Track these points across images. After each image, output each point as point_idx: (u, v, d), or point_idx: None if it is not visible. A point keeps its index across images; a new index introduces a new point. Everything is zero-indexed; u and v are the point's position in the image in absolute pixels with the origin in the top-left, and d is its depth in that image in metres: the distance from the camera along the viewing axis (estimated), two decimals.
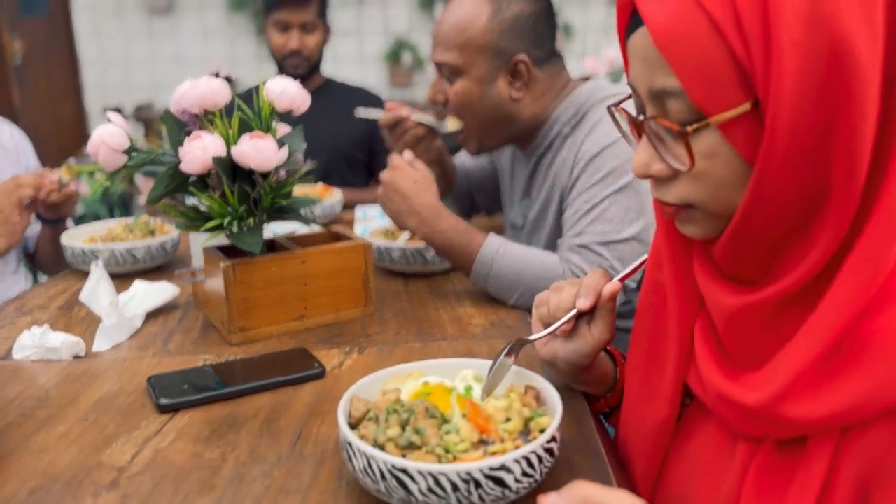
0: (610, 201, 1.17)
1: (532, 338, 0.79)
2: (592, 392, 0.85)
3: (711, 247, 0.62)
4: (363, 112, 1.38)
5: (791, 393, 0.55)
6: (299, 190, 1.78)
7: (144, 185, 1.06)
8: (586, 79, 1.35)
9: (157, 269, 1.42)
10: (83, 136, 5.84)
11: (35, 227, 1.71)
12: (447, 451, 0.64)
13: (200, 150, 1.00)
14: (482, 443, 0.66)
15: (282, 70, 2.19)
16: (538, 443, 0.63)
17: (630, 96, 0.64)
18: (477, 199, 1.67)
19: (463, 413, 0.70)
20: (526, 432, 0.68)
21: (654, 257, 0.73)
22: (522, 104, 1.30)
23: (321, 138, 2.14)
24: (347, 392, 0.71)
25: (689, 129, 0.55)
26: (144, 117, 4.95)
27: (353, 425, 0.70)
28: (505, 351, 0.76)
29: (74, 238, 1.42)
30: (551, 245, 1.33)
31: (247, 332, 1.07)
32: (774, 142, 0.52)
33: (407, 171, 1.22)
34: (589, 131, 1.24)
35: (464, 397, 0.73)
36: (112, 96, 5.67)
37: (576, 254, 1.17)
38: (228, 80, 5.65)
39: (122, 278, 1.32)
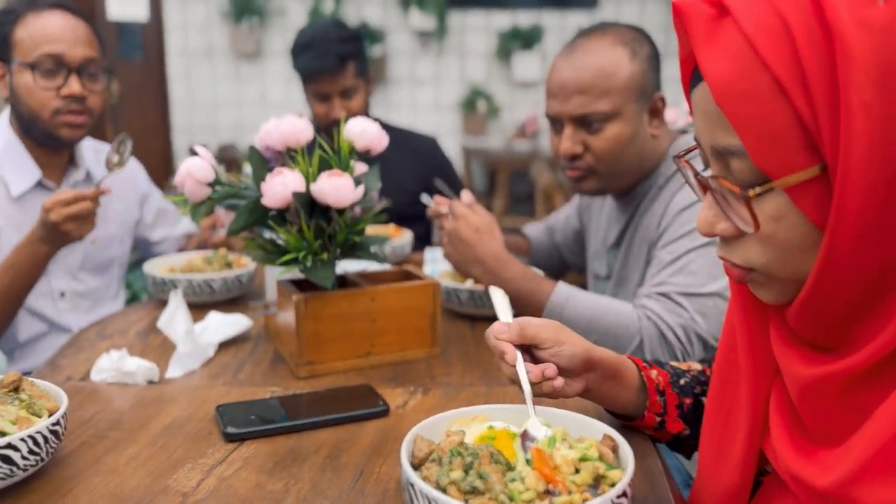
0: (696, 254, 1.13)
1: (531, 411, 0.75)
2: (633, 409, 0.82)
3: (786, 311, 0.59)
4: (440, 185, 1.39)
5: (866, 475, 0.50)
6: (371, 230, 1.80)
7: (225, 217, 1.10)
8: (683, 131, 1.35)
9: (233, 300, 1.45)
10: (169, 174, 6.13)
11: (165, 245, 1.81)
12: (511, 499, 0.62)
13: (281, 186, 1.03)
14: (548, 493, 0.63)
15: (328, 135, 1.95)
16: (608, 497, 0.60)
17: (695, 148, 0.62)
18: (565, 256, 1.66)
19: (528, 460, 0.68)
20: (595, 485, 0.65)
21: (728, 319, 0.70)
22: (656, 142, 1.29)
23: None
24: (411, 431, 0.70)
25: (751, 192, 0.52)
26: (227, 158, 5.16)
27: (416, 466, 0.69)
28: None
29: (155, 267, 1.48)
30: None
31: (314, 367, 1.08)
32: (845, 208, 0.48)
33: (470, 219, 1.21)
34: (682, 185, 1.22)
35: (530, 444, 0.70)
36: (198, 137, 5.95)
37: (654, 300, 1.13)
38: None
39: (198, 308, 1.36)
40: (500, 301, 0.88)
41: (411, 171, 2.12)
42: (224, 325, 1.22)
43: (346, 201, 1.04)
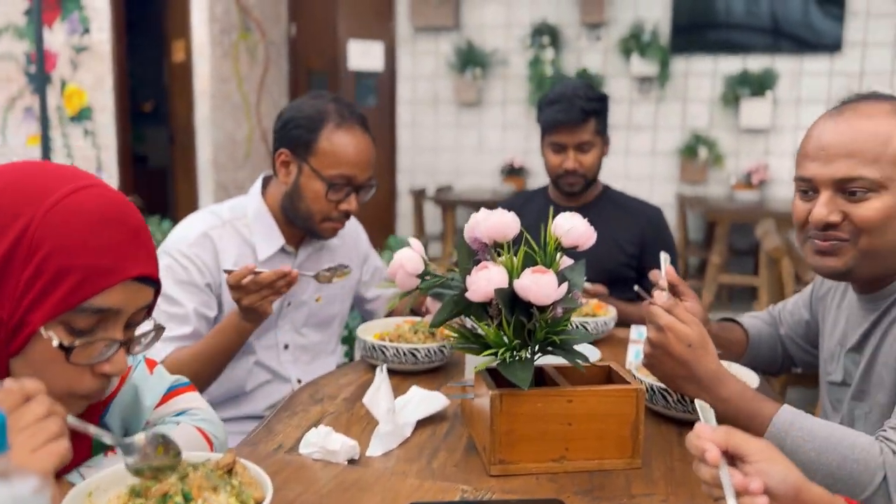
0: None
1: None
2: None
3: None
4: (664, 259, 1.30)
5: None
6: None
7: (432, 304, 1.14)
8: None
9: (435, 369, 1.49)
10: (391, 215, 6.54)
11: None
12: None
13: (485, 281, 1.03)
14: None
15: (556, 187, 2.14)
16: None
17: None
18: (791, 351, 1.49)
19: None
20: None
21: None
22: None
23: (590, 252, 2.09)
24: None
25: None
26: (443, 200, 5.37)
27: None
28: None
29: (367, 332, 1.56)
30: (879, 419, 1.12)
31: (507, 466, 1.06)
32: None
33: (680, 333, 1.11)
34: None
35: None
36: (419, 178, 6.28)
37: None
38: (521, 169, 5.93)
39: (402, 375, 1.42)
40: (706, 414, 0.82)
41: (631, 234, 2.14)
42: (423, 400, 1.25)
43: (548, 299, 1.02)
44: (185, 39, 5.89)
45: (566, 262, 1.11)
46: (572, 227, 1.06)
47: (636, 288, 1.26)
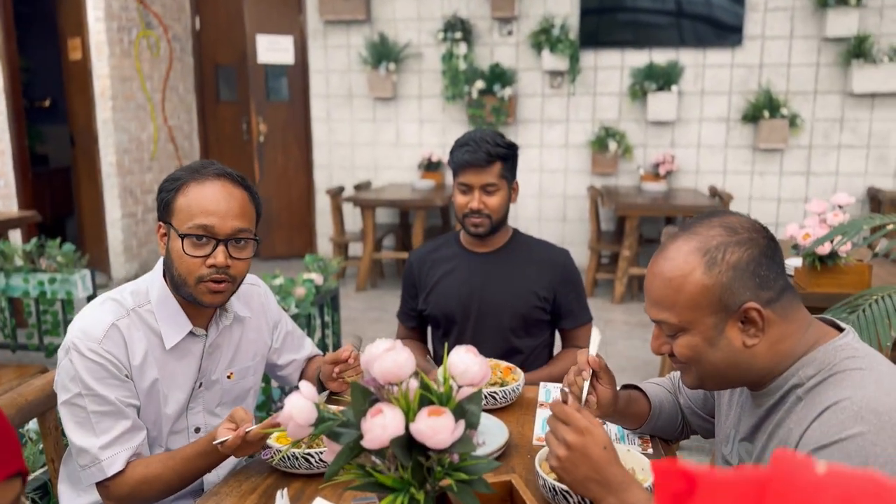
0: None
1: None
2: None
3: None
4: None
5: None
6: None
7: (330, 445, 1.15)
8: (841, 329, 1.20)
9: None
10: (310, 210, 6.45)
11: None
12: None
13: (381, 429, 1.04)
14: None
15: (464, 226, 2.20)
16: None
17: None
18: (689, 419, 1.56)
19: None
20: None
21: None
22: (757, 350, 1.17)
23: (502, 296, 2.15)
24: None
25: None
26: (361, 199, 5.33)
27: None
28: None
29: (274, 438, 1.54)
30: None
31: None
32: None
33: (598, 436, 1.15)
34: (821, 412, 1.09)
35: None
36: (336, 174, 6.20)
37: None
38: (438, 163, 5.92)
39: (310, 479, 1.43)
40: None
41: (543, 279, 2.22)
42: None
43: (444, 443, 1.05)
44: (80, 38, 5.57)
45: (464, 392, 1.14)
46: (467, 369, 1.08)
47: (563, 388, 1.31)
